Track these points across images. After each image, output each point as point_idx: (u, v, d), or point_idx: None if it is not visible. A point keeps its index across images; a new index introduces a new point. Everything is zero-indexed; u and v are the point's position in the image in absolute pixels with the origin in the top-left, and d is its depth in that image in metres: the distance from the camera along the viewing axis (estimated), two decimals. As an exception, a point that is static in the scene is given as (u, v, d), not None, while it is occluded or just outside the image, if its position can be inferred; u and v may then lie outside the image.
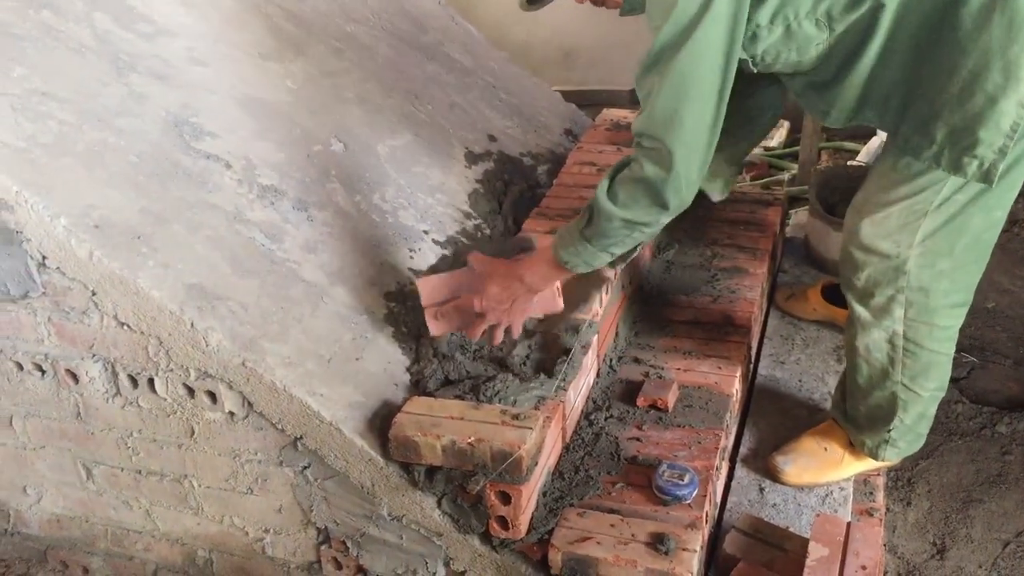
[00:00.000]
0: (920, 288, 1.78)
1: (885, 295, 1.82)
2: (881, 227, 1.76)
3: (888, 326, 1.85)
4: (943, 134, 1.60)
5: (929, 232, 1.71)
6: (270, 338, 1.82)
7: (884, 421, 1.98)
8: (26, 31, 2.03)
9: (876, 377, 1.93)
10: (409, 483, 1.80)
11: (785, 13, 1.60)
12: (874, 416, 1.98)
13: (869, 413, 1.98)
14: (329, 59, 2.58)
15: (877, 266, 1.79)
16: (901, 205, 1.72)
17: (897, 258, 1.76)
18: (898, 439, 2.00)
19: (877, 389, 1.94)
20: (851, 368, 1.98)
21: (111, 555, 2.29)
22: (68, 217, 1.75)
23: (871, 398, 1.97)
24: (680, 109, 1.54)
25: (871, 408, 1.97)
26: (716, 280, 2.53)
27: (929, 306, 1.80)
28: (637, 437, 2.02)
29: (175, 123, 2.08)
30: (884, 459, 2.05)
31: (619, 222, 1.66)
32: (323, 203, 2.16)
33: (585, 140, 2.83)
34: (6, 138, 1.80)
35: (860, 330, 1.90)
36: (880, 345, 1.88)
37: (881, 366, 1.91)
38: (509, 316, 1.86)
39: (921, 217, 1.70)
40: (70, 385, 1.98)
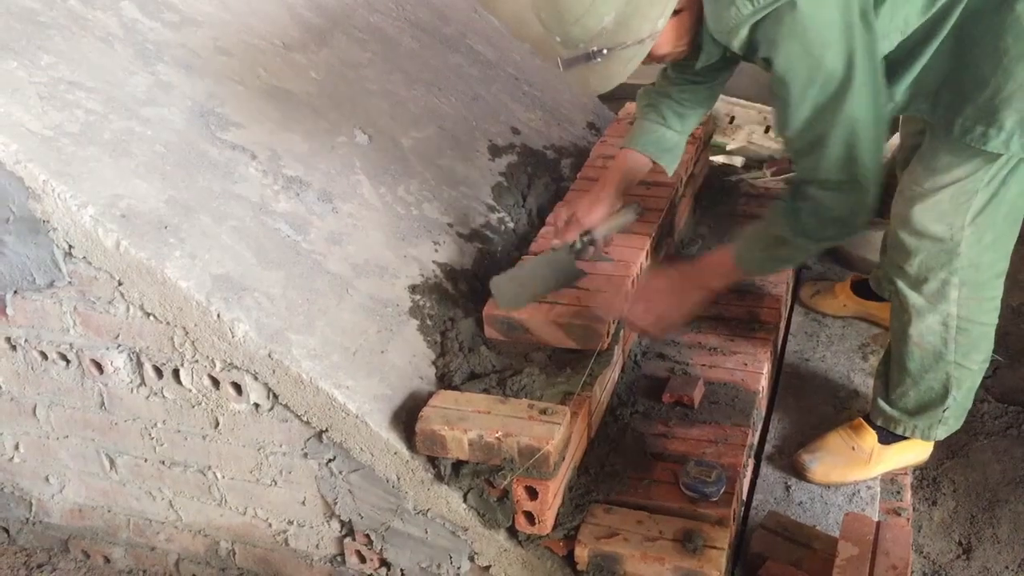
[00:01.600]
0: (971, 265, 1.81)
1: (939, 278, 1.84)
2: (934, 210, 1.78)
3: (943, 309, 1.87)
4: (1014, 121, 1.63)
5: (978, 209, 1.75)
6: (296, 330, 1.82)
7: (938, 402, 1.99)
8: (53, 19, 2.02)
9: (929, 361, 1.93)
10: (435, 477, 1.79)
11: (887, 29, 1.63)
12: (926, 400, 1.98)
13: (920, 398, 1.98)
14: (353, 50, 2.56)
15: (930, 250, 1.82)
16: (954, 187, 1.74)
17: (950, 240, 1.79)
18: (949, 417, 2.02)
19: (930, 372, 1.95)
20: (901, 357, 1.97)
21: (133, 545, 2.29)
22: (95, 207, 1.75)
23: (923, 382, 1.97)
24: (855, 149, 1.59)
25: (922, 392, 1.98)
26: (741, 276, 2.50)
27: (979, 280, 1.84)
28: (663, 433, 2.00)
29: (201, 113, 2.07)
30: (935, 438, 2.07)
31: (815, 248, 1.78)
32: (348, 195, 2.15)
33: (608, 133, 2.81)
34: (34, 127, 1.80)
35: (914, 317, 1.90)
36: (934, 328, 1.89)
37: (934, 349, 1.91)
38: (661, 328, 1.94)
39: (972, 196, 1.73)
40: (94, 375, 1.98)
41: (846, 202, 1.65)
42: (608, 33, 1.53)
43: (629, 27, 1.52)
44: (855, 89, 1.52)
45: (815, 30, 1.48)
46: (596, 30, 1.52)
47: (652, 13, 1.53)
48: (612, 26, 1.52)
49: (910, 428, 2.03)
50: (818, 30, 1.48)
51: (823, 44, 1.49)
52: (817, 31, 1.48)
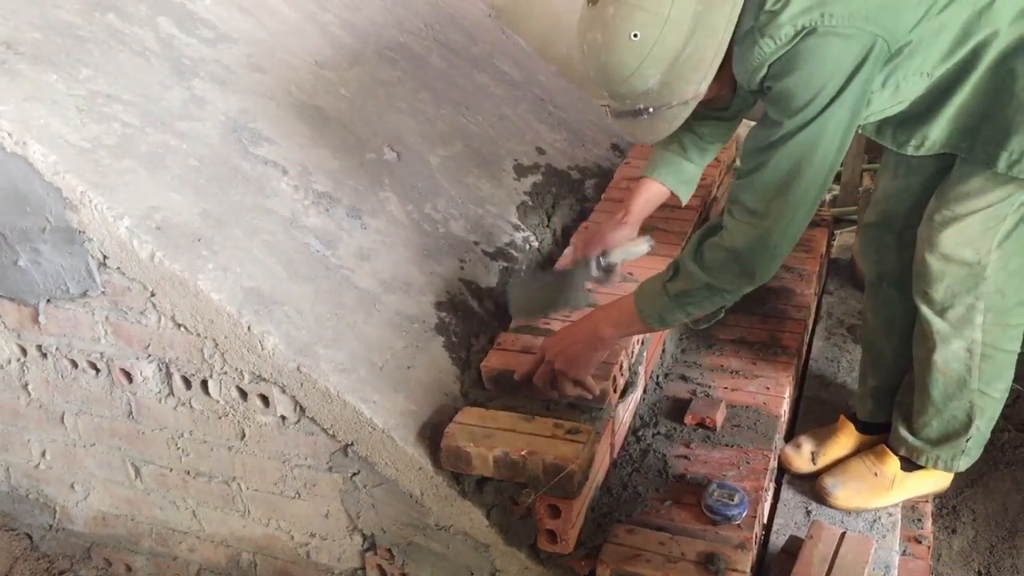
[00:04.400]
0: (997, 291, 1.81)
1: (965, 304, 1.84)
2: (962, 235, 1.78)
3: (968, 335, 1.87)
4: None
5: (1005, 234, 1.75)
6: (324, 344, 1.84)
7: (961, 432, 1.98)
8: (92, 34, 2.06)
9: (952, 389, 1.92)
10: (459, 493, 1.80)
11: (896, 76, 1.62)
12: (949, 429, 1.97)
13: (944, 427, 1.97)
14: (383, 68, 2.60)
15: (956, 274, 1.81)
16: (984, 212, 1.74)
17: (977, 264, 1.79)
18: (972, 447, 2.01)
19: (953, 400, 1.94)
20: (925, 385, 1.96)
21: (155, 554, 2.30)
22: (131, 218, 1.78)
23: (946, 411, 1.96)
24: (790, 184, 1.54)
25: (945, 422, 1.97)
26: (763, 300, 2.52)
27: (1005, 307, 1.84)
28: (685, 455, 2.01)
29: (234, 128, 2.10)
30: (957, 469, 2.05)
31: (702, 285, 1.66)
32: (376, 211, 2.17)
33: (632, 155, 2.83)
34: (72, 139, 1.83)
35: (939, 343, 1.90)
36: (959, 355, 1.89)
37: (959, 376, 1.90)
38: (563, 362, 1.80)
39: (1001, 221, 1.74)
40: (124, 384, 2.00)
41: (749, 236, 1.59)
42: (653, 94, 1.55)
43: (673, 89, 1.54)
44: (826, 123, 1.51)
45: (820, 67, 1.48)
46: (641, 91, 1.54)
47: (695, 77, 1.54)
48: (657, 88, 1.54)
49: (932, 458, 2.03)
50: (823, 67, 1.48)
51: (822, 81, 1.49)
52: (822, 68, 1.48)
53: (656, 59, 1.50)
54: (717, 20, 1.50)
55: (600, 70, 1.55)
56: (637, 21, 1.48)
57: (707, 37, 1.50)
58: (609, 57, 1.52)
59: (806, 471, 2.15)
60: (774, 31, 1.48)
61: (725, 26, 1.51)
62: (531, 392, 1.86)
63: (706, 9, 1.49)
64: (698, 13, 1.48)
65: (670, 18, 1.47)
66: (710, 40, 1.51)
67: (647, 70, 1.51)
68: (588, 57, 1.55)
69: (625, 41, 1.49)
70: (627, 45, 1.49)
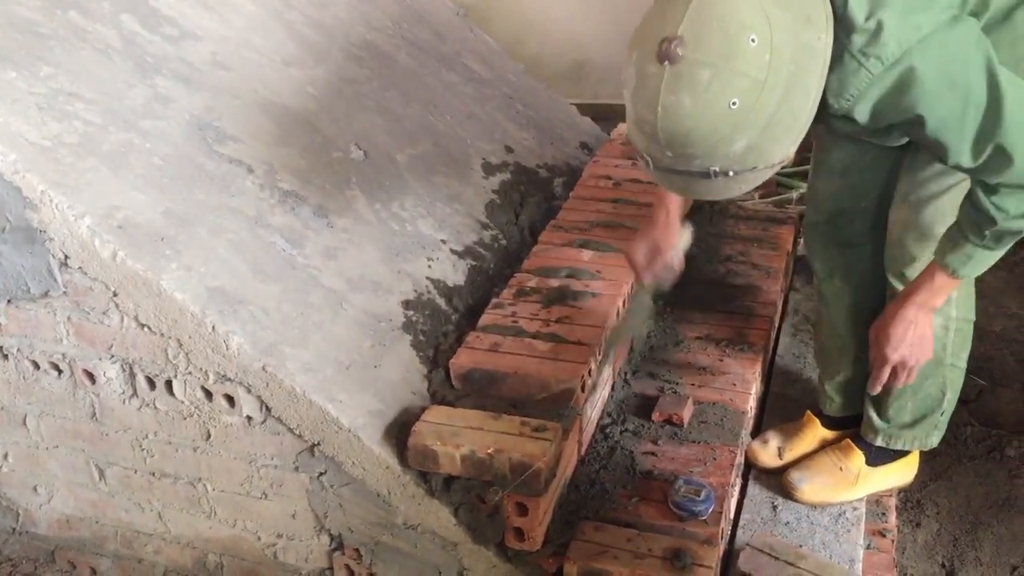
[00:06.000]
0: None
1: None
2: (937, 212, 1.81)
3: (945, 311, 1.89)
4: None
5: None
6: (290, 343, 1.83)
7: (935, 407, 2.02)
8: (53, 31, 2.04)
9: (929, 367, 1.93)
10: (426, 492, 1.80)
11: None
12: (923, 408, 2.01)
13: (918, 407, 2.01)
14: (350, 67, 2.59)
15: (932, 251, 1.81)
16: (958, 187, 1.75)
17: None
18: (942, 420, 2.05)
19: (929, 378, 1.96)
20: None
21: (120, 557, 2.28)
22: (92, 217, 1.76)
23: (922, 391, 1.99)
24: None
25: (920, 401, 2.00)
26: (730, 298, 2.53)
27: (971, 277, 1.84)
28: (652, 452, 2.02)
29: (199, 126, 2.08)
30: (931, 445, 2.09)
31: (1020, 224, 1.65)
32: (343, 210, 2.17)
33: (601, 154, 2.84)
34: (32, 137, 1.80)
35: None
36: (936, 333, 1.88)
37: (935, 354, 1.91)
38: (920, 350, 1.83)
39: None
40: (86, 385, 1.98)
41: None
42: (736, 157, 1.40)
43: (761, 153, 1.41)
44: (1006, 93, 1.48)
45: (950, 66, 1.46)
46: (723, 154, 1.39)
47: (786, 139, 1.42)
48: (742, 151, 1.39)
49: (908, 440, 2.06)
50: (951, 64, 1.47)
51: (962, 73, 1.47)
52: (951, 66, 1.47)
53: (749, 124, 1.36)
54: (810, 80, 1.40)
55: (679, 134, 1.38)
56: (737, 88, 1.33)
57: (800, 98, 1.40)
58: (698, 123, 1.36)
59: (772, 466, 2.17)
60: (880, 51, 1.43)
61: (817, 86, 1.42)
62: None
63: (799, 70, 1.38)
64: (791, 74, 1.37)
65: (767, 83, 1.34)
66: (803, 102, 1.41)
67: (738, 135, 1.37)
68: (664, 119, 1.37)
69: (723, 109, 1.34)
70: (723, 113, 1.34)
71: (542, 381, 1.86)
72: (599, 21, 4.61)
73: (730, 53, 1.32)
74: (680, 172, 1.45)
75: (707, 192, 1.49)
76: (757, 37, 1.32)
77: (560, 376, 1.86)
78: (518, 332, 1.98)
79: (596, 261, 2.23)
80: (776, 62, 1.34)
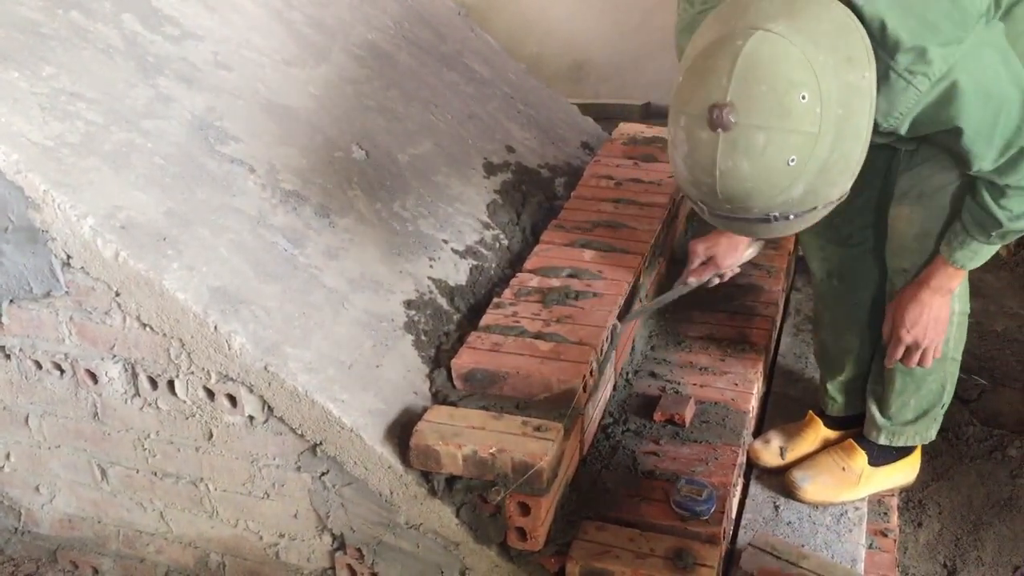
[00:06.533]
0: None
1: None
2: (937, 208, 1.81)
3: (950, 306, 1.89)
4: None
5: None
6: (292, 343, 1.83)
7: (936, 402, 2.03)
8: (55, 31, 2.04)
9: (934, 362, 1.93)
10: (428, 492, 1.80)
11: None
12: (926, 403, 2.03)
13: (920, 403, 2.02)
14: (351, 66, 2.59)
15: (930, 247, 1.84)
16: (955, 185, 1.76)
17: None
18: (941, 413, 2.06)
19: (932, 374, 1.97)
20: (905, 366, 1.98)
21: (122, 556, 2.28)
22: (94, 217, 1.76)
23: (924, 387, 2.00)
24: None
25: (922, 397, 2.02)
26: (732, 297, 2.53)
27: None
28: (654, 452, 2.02)
29: (200, 126, 2.08)
30: (931, 439, 2.11)
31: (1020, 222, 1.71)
32: (344, 210, 2.17)
33: (602, 153, 2.84)
34: (34, 137, 1.81)
35: None
36: None
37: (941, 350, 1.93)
38: (935, 332, 1.86)
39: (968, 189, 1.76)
40: (89, 385, 1.98)
41: None
42: (795, 202, 1.42)
43: (819, 194, 1.43)
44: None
45: (986, 77, 1.50)
46: (782, 201, 1.41)
47: (842, 180, 1.45)
48: (800, 195, 1.41)
49: (911, 435, 2.08)
50: (988, 75, 1.50)
51: (996, 84, 1.51)
52: (987, 76, 1.50)
53: (806, 173, 1.37)
54: (860, 121, 1.41)
55: (739, 193, 1.39)
56: (793, 146, 1.34)
57: (852, 140, 1.41)
58: (757, 184, 1.37)
59: (774, 465, 2.17)
60: (927, 69, 1.45)
61: (867, 124, 1.44)
62: None
63: (848, 113, 1.39)
64: (840, 118, 1.37)
65: (820, 133, 1.35)
66: (855, 143, 1.42)
67: (795, 185, 1.39)
68: (724, 181, 1.38)
69: (781, 168, 1.36)
70: (782, 170, 1.36)
71: (544, 381, 1.86)
72: (600, 21, 4.61)
73: (783, 113, 1.33)
74: (739, 219, 1.47)
75: (767, 232, 1.51)
76: (808, 93, 1.33)
77: (562, 376, 1.86)
78: (520, 332, 1.98)
79: (597, 261, 2.23)
80: (826, 112, 1.35)
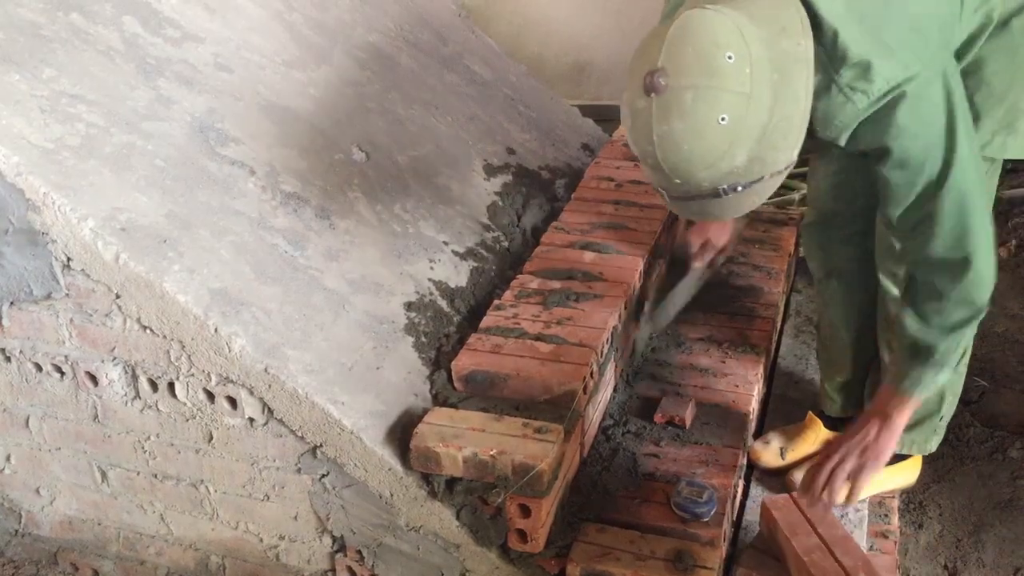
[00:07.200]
0: None
1: None
2: None
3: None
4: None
5: None
6: (292, 345, 1.83)
7: (934, 412, 2.02)
8: (55, 33, 2.04)
9: None
10: (428, 494, 1.80)
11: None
12: (922, 411, 2.00)
13: (916, 412, 1.99)
14: (352, 68, 2.59)
15: None
16: None
17: None
18: (941, 425, 2.05)
19: None
20: None
21: (122, 559, 2.28)
22: (95, 219, 1.76)
23: None
24: (967, 220, 1.58)
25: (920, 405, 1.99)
26: (732, 299, 2.53)
27: None
28: (655, 453, 2.02)
29: (201, 128, 2.08)
30: (930, 450, 2.10)
31: (949, 337, 1.69)
32: (345, 211, 2.17)
33: (602, 155, 2.84)
34: (35, 139, 1.81)
35: None
36: None
37: None
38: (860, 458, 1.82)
39: None
40: (89, 387, 1.98)
41: (960, 281, 1.63)
42: (741, 171, 1.43)
43: (765, 162, 1.44)
44: (960, 157, 1.52)
45: (926, 111, 1.50)
46: (727, 171, 1.42)
47: (786, 144, 1.45)
48: (745, 164, 1.42)
49: (907, 444, 2.06)
50: (928, 110, 1.50)
51: (933, 122, 1.51)
52: (928, 111, 1.50)
53: (745, 137, 1.39)
54: (796, 86, 1.43)
55: (680, 160, 1.42)
56: (723, 104, 1.37)
57: (791, 104, 1.43)
58: (693, 145, 1.39)
59: (775, 467, 2.17)
60: (867, 87, 1.46)
61: (805, 90, 1.45)
62: None
63: (783, 78, 1.41)
64: (775, 83, 1.40)
65: (752, 95, 1.38)
66: (794, 107, 1.43)
67: (736, 150, 1.40)
68: (663, 148, 1.41)
69: (713, 126, 1.37)
70: (716, 129, 1.38)
71: (544, 383, 1.86)
72: (600, 22, 4.61)
73: (709, 72, 1.36)
74: (693, 198, 1.49)
75: (723, 211, 1.52)
76: (734, 54, 1.36)
77: (562, 378, 1.86)
78: (520, 334, 1.98)
79: (598, 263, 2.23)
80: (758, 74, 1.37)
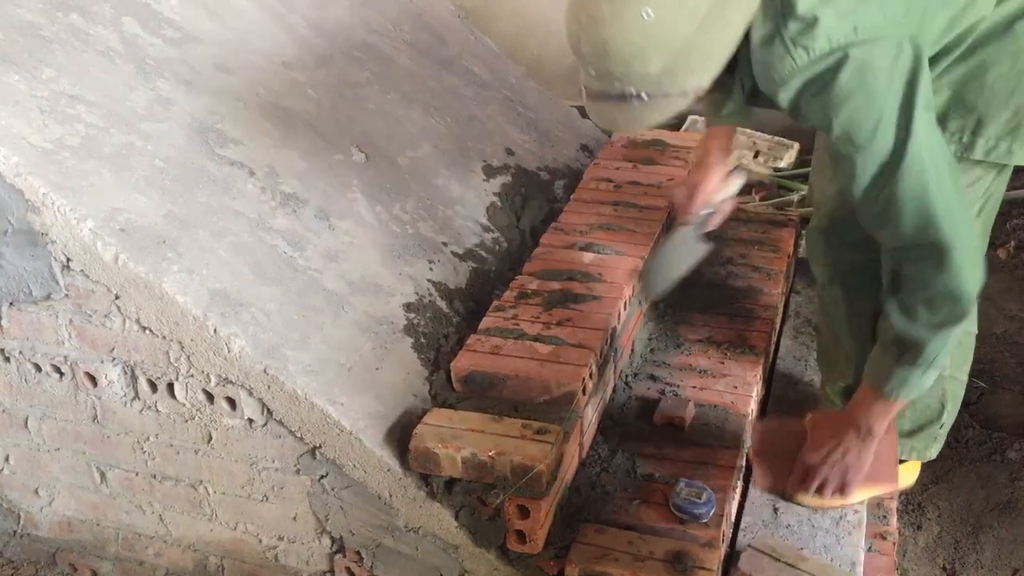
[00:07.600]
0: None
1: None
2: None
3: None
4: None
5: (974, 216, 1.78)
6: (292, 346, 1.83)
7: (935, 419, 2.02)
8: (55, 33, 2.04)
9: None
10: (427, 495, 1.80)
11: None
12: (923, 419, 2.01)
13: (917, 417, 2.00)
14: (351, 69, 2.59)
15: None
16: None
17: None
18: (941, 433, 2.05)
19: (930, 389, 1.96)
20: None
21: (121, 559, 2.28)
22: (94, 220, 1.76)
23: (919, 401, 1.98)
24: (930, 205, 1.52)
25: (919, 412, 2.00)
26: (731, 300, 2.53)
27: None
28: (653, 454, 2.02)
29: (200, 129, 2.08)
30: (930, 457, 2.10)
31: (936, 336, 1.63)
32: (344, 212, 2.17)
33: (601, 156, 2.84)
34: (34, 140, 1.81)
35: None
36: None
37: None
38: (841, 472, 1.82)
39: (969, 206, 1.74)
40: (88, 388, 1.98)
41: (939, 271, 1.56)
42: (651, 79, 1.44)
43: (675, 78, 1.44)
44: (917, 135, 1.47)
45: (872, 80, 1.45)
46: (639, 74, 1.43)
47: (700, 68, 1.45)
48: (657, 73, 1.43)
49: (907, 450, 2.06)
50: (875, 79, 1.45)
51: (880, 94, 1.46)
52: (874, 80, 1.45)
53: (664, 43, 1.39)
54: (733, 14, 1.42)
55: (597, 44, 1.42)
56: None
57: (721, 29, 1.42)
58: (612, 31, 1.39)
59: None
60: (809, 43, 1.43)
61: (740, 22, 1.43)
62: None
63: (724, 1, 1.41)
64: (715, 2, 1.39)
65: (687, 1, 1.38)
66: (723, 33, 1.42)
67: (652, 53, 1.40)
68: (585, 29, 1.42)
69: (635, 17, 1.37)
70: (637, 22, 1.37)
71: (543, 384, 1.86)
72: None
73: None
74: (603, 98, 1.50)
75: (627, 121, 1.52)
76: None
77: (561, 379, 1.86)
78: (519, 335, 1.98)
79: (597, 263, 2.23)
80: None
